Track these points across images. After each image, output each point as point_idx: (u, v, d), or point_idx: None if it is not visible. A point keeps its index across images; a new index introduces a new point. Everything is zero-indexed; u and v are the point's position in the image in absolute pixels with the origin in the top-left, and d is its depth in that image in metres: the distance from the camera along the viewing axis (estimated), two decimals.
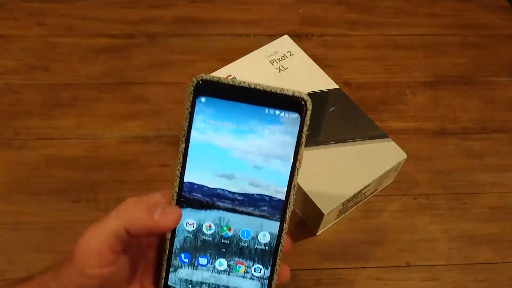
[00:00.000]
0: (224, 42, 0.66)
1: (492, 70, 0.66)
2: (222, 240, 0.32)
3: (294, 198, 0.31)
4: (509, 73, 0.66)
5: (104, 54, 0.64)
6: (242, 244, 0.32)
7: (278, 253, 0.31)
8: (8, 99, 0.59)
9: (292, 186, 0.31)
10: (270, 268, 0.31)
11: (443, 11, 0.72)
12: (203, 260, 0.32)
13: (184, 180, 0.31)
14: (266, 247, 0.31)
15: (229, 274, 0.32)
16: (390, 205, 0.54)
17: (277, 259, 0.31)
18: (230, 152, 0.31)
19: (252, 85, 0.30)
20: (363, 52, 0.67)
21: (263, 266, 0.32)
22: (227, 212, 0.31)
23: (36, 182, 0.53)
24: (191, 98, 0.30)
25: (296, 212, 0.52)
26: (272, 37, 0.61)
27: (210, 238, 0.32)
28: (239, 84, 0.30)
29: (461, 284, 0.49)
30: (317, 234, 0.51)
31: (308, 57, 0.57)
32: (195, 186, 0.31)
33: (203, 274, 0.32)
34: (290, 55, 0.57)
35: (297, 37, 0.66)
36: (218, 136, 0.30)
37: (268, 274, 0.31)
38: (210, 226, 0.32)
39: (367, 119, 0.53)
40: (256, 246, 0.32)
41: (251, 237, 0.32)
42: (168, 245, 0.32)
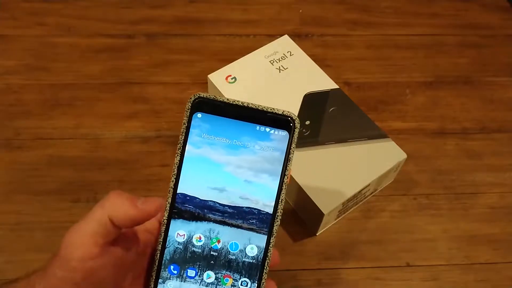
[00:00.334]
0: (224, 42, 0.66)
1: (492, 70, 0.66)
2: (211, 252, 0.32)
3: (282, 212, 0.32)
4: (509, 73, 0.66)
5: (104, 54, 0.64)
6: (230, 256, 0.32)
7: (265, 267, 0.32)
8: (8, 99, 0.59)
9: (280, 200, 0.32)
10: (256, 282, 0.32)
11: (443, 11, 0.72)
12: (191, 272, 0.32)
13: (177, 191, 0.32)
14: (254, 261, 0.32)
15: (216, 287, 0.32)
16: (390, 205, 0.54)
17: (264, 273, 0.32)
18: (223, 166, 0.32)
19: (245, 104, 0.32)
20: (363, 52, 0.67)
21: (249, 280, 0.32)
22: (217, 224, 0.32)
23: (36, 182, 0.53)
24: (188, 113, 0.32)
25: (296, 212, 0.52)
26: (272, 37, 0.61)
27: (200, 250, 0.32)
28: (233, 102, 0.32)
29: (461, 284, 0.49)
30: (317, 234, 0.51)
31: (308, 57, 0.57)
32: (188, 198, 0.32)
33: (191, 287, 0.32)
34: (290, 55, 0.57)
35: (297, 37, 0.66)
36: (212, 150, 0.32)
37: None
38: (200, 238, 0.32)
39: (367, 119, 0.53)
40: (243, 259, 0.32)
41: (239, 250, 0.32)
42: (158, 256, 0.32)
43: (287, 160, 0.32)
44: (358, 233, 0.52)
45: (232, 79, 0.55)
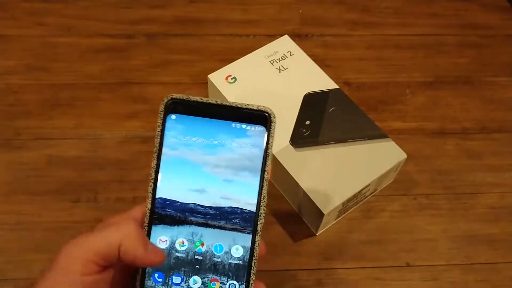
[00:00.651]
0: (224, 42, 0.66)
1: (492, 70, 0.66)
2: (196, 256, 0.32)
3: (265, 209, 0.32)
4: (509, 73, 0.66)
5: (104, 54, 0.64)
6: (216, 259, 0.32)
7: (252, 267, 0.31)
8: (8, 99, 0.59)
9: (262, 197, 0.31)
10: (244, 284, 0.31)
11: (443, 11, 0.72)
12: (177, 279, 0.31)
13: (157, 196, 0.32)
14: (240, 261, 0.32)
15: None
16: (390, 205, 0.54)
17: (252, 274, 0.31)
18: (201, 166, 0.32)
19: (219, 102, 0.31)
20: (363, 52, 0.67)
21: (237, 282, 0.31)
22: (200, 227, 0.32)
23: (36, 182, 0.53)
24: (162, 116, 0.31)
25: (296, 212, 0.53)
26: (272, 37, 0.61)
27: (184, 255, 0.32)
28: (207, 101, 0.31)
29: (461, 284, 0.49)
30: (317, 234, 0.51)
31: (308, 57, 0.57)
32: (168, 202, 0.32)
33: None
34: (290, 55, 0.57)
35: (297, 37, 0.66)
36: (189, 151, 0.32)
37: None
38: (183, 243, 0.32)
39: (367, 119, 0.53)
40: (229, 261, 0.32)
41: (224, 252, 0.32)
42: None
43: (266, 156, 0.31)
44: (358, 233, 0.52)
45: (232, 79, 0.55)
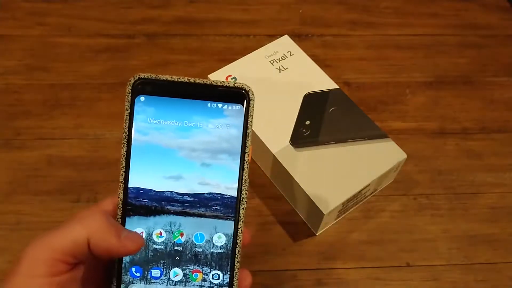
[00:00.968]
0: (224, 42, 0.66)
1: (492, 70, 0.66)
2: (175, 248, 0.30)
3: (247, 193, 0.30)
4: (509, 73, 0.66)
5: (104, 54, 0.64)
6: (197, 249, 0.30)
7: (236, 256, 0.30)
8: (8, 99, 0.59)
9: (243, 180, 0.30)
10: (229, 273, 0.30)
11: (443, 11, 0.72)
12: (156, 272, 0.30)
13: (129, 185, 0.29)
14: (223, 250, 0.30)
15: (185, 285, 0.30)
16: (390, 205, 0.54)
17: (236, 262, 0.30)
18: (175, 151, 0.29)
19: (192, 80, 0.29)
20: (363, 52, 0.67)
21: (221, 272, 0.30)
22: (178, 216, 0.30)
23: (36, 182, 0.53)
24: (129, 98, 0.29)
25: (296, 212, 0.53)
26: (272, 37, 0.61)
27: (162, 247, 0.30)
28: (178, 80, 0.29)
29: (461, 284, 0.49)
30: (317, 234, 0.51)
31: (308, 57, 0.57)
32: (141, 191, 0.30)
33: None
34: (290, 55, 0.57)
35: (297, 37, 0.66)
36: (161, 135, 0.29)
37: (228, 280, 0.30)
38: (160, 234, 0.30)
39: (367, 119, 0.53)
40: (212, 250, 0.30)
41: (206, 241, 0.30)
42: (117, 260, 0.29)
43: (245, 136, 0.29)
44: (358, 233, 0.52)
45: (232, 79, 0.55)
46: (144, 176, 0.29)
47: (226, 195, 0.30)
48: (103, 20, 0.67)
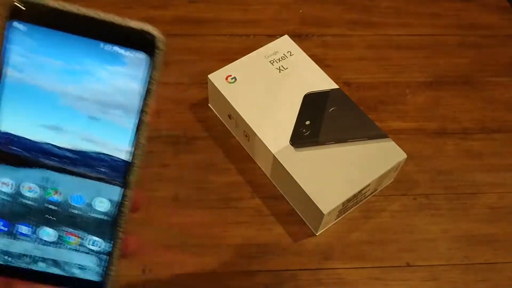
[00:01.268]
0: (224, 42, 0.66)
1: (492, 70, 0.66)
2: (49, 206, 0.27)
3: (142, 159, 0.26)
4: (509, 73, 0.66)
5: None
6: (74, 211, 0.27)
7: (121, 224, 0.27)
8: None
9: (139, 144, 0.26)
10: (109, 242, 0.27)
11: (443, 11, 0.72)
12: (24, 229, 0.27)
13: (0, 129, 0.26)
14: (105, 217, 0.27)
15: (58, 247, 0.27)
16: (390, 205, 0.54)
17: (119, 232, 0.27)
18: (58, 97, 0.25)
19: (88, 13, 0.24)
20: (363, 52, 0.67)
21: (100, 239, 0.27)
22: (55, 173, 0.26)
23: None
24: (4, 22, 0.23)
25: (296, 212, 0.53)
26: (272, 37, 0.61)
27: (33, 203, 0.26)
28: (70, 10, 0.24)
29: (461, 284, 0.49)
30: (317, 234, 0.51)
31: (308, 57, 0.57)
32: (14, 138, 0.25)
33: (25, 245, 0.27)
34: (290, 55, 0.57)
35: (297, 37, 0.66)
36: (42, 75, 0.24)
37: (109, 249, 0.27)
38: (31, 188, 0.26)
39: (367, 119, 0.53)
40: (91, 215, 0.27)
41: (86, 204, 0.27)
42: None
43: (147, 92, 0.26)
44: (358, 233, 0.52)
45: (232, 79, 0.55)
46: (18, 121, 0.25)
47: (116, 157, 0.26)
48: None
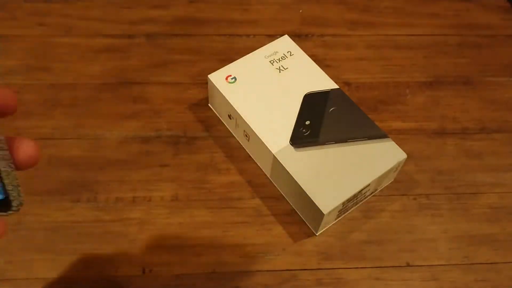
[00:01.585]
0: (224, 42, 0.66)
1: (492, 70, 0.66)
2: None
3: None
4: (509, 73, 0.66)
5: (104, 54, 0.64)
6: None
7: None
8: None
9: None
10: None
11: (443, 11, 0.72)
12: None
13: None
14: None
15: None
16: (390, 205, 0.54)
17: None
18: None
19: None
20: (363, 52, 0.67)
21: None
22: None
23: (36, 182, 0.53)
24: None
25: (296, 212, 0.53)
26: (272, 37, 0.61)
27: None
28: None
29: (461, 284, 0.49)
30: (317, 234, 0.51)
31: (308, 57, 0.57)
32: None
33: None
34: (290, 55, 0.57)
35: (297, 37, 0.66)
36: None
37: None
38: None
39: (367, 119, 0.53)
40: None
41: None
42: None
43: None
44: (358, 233, 0.52)
45: (232, 79, 0.55)
46: None
47: None
48: (103, 20, 0.67)
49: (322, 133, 0.51)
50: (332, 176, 0.49)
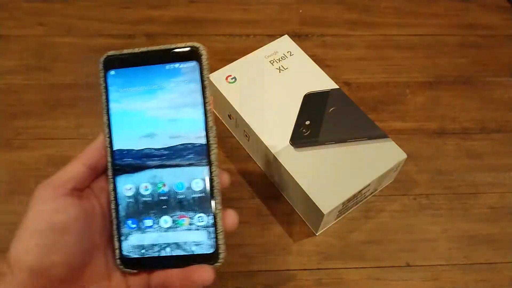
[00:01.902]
0: (224, 42, 0.66)
1: (492, 70, 0.66)
2: (161, 198, 0.33)
3: (215, 139, 0.32)
4: (509, 73, 0.66)
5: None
6: (180, 197, 0.32)
7: (215, 197, 0.32)
8: (8, 99, 0.59)
9: (209, 128, 0.32)
10: (212, 214, 0.32)
11: (443, 11, 0.72)
12: (148, 222, 0.33)
13: (114, 148, 0.33)
14: (203, 194, 0.32)
15: (175, 230, 0.32)
16: (390, 205, 0.54)
17: (216, 204, 0.32)
18: (146, 112, 0.33)
19: (149, 49, 0.33)
20: (363, 52, 0.67)
21: (205, 214, 0.32)
22: (159, 169, 0.33)
23: (36, 182, 0.53)
24: (102, 74, 0.34)
25: (296, 212, 0.53)
26: (272, 37, 0.61)
27: (150, 198, 0.33)
28: (137, 51, 0.33)
29: (461, 284, 0.49)
30: (317, 234, 0.51)
31: (308, 57, 0.57)
32: (124, 152, 0.33)
33: (152, 236, 0.33)
34: (290, 55, 0.57)
35: (297, 37, 0.66)
36: (133, 101, 0.33)
37: (213, 220, 0.32)
38: (146, 187, 0.33)
39: (367, 119, 0.53)
40: (193, 196, 0.32)
41: (186, 188, 0.32)
42: (114, 214, 0.33)
43: (204, 88, 0.32)
44: (358, 233, 0.52)
45: (232, 79, 0.55)
46: (124, 138, 0.33)
47: (197, 143, 0.32)
48: (103, 20, 0.67)
49: (322, 133, 0.51)
50: (332, 176, 0.49)
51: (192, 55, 0.32)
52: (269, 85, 0.55)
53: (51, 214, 0.30)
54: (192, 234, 0.32)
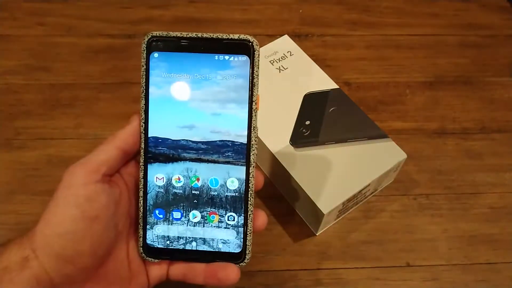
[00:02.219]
0: None
1: (492, 70, 0.66)
2: (193, 192, 0.32)
3: (256, 140, 0.32)
4: (509, 73, 0.66)
5: (104, 54, 0.64)
6: (212, 193, 0.32)
7: (249, 198, 0.32)
8: (8, 99, 0.59)
9: (252, 128, 0.31)
10: (243, 214, 0.32)
11: (443, 11, 0.72)
12: (177, 214, 0.32)
13: (149, 135, 0.32)
14: (236, 194, 0.32)
15: (203, 226, 0.32)
16: (390, 205, 0.54)
17: (249, 205, 0.32)
18: (188, 102, 0.32)
19: (199, 35, 0.31)
20: (363, 52, 0.67)
21: (236, 214, 0.32)
22: (194, 163, 0.32)
23: (36, 182, 0.53)
24: (144, 55, 0.31)
25: (296, 212, 0.52)
26: (272, 37, 0.61)
27: (181, 191, 0.32)
28: (187, 35, 0.31)
29: (461, 284, 0.49)
30: (317, 234, 0.51)
31: (308, 57, 0.57)
32: (160, 140, 0.32)
33: (178, 228, 0.32)
34: (290, 55, 0.57)
35: (297, 37, 0.66)
36: (175, 88, 0.32)
37: (242, 221, 0.32)
38: (179, 179, 0.32)
39: (367, 119, 0.53)
40: (226, 194, 0.32)
41: (220, 185, 0.32)
42: (141, 203, 0.32)
43: (252, 86, 0.31)
44: (358, 233, 0.52)
45: None
46: (161, 126, 0.32)
47: (237, 142, 0.32)
48: (103, 20, 0.67)
49: (322, 133, 0.51)
50: (332, 176, 0.49)
51: (244, 49, 0.32)
52: (269, 85, 0.55)
53: (83, 201, 0.29)
54: (220, 231, 0.32)
